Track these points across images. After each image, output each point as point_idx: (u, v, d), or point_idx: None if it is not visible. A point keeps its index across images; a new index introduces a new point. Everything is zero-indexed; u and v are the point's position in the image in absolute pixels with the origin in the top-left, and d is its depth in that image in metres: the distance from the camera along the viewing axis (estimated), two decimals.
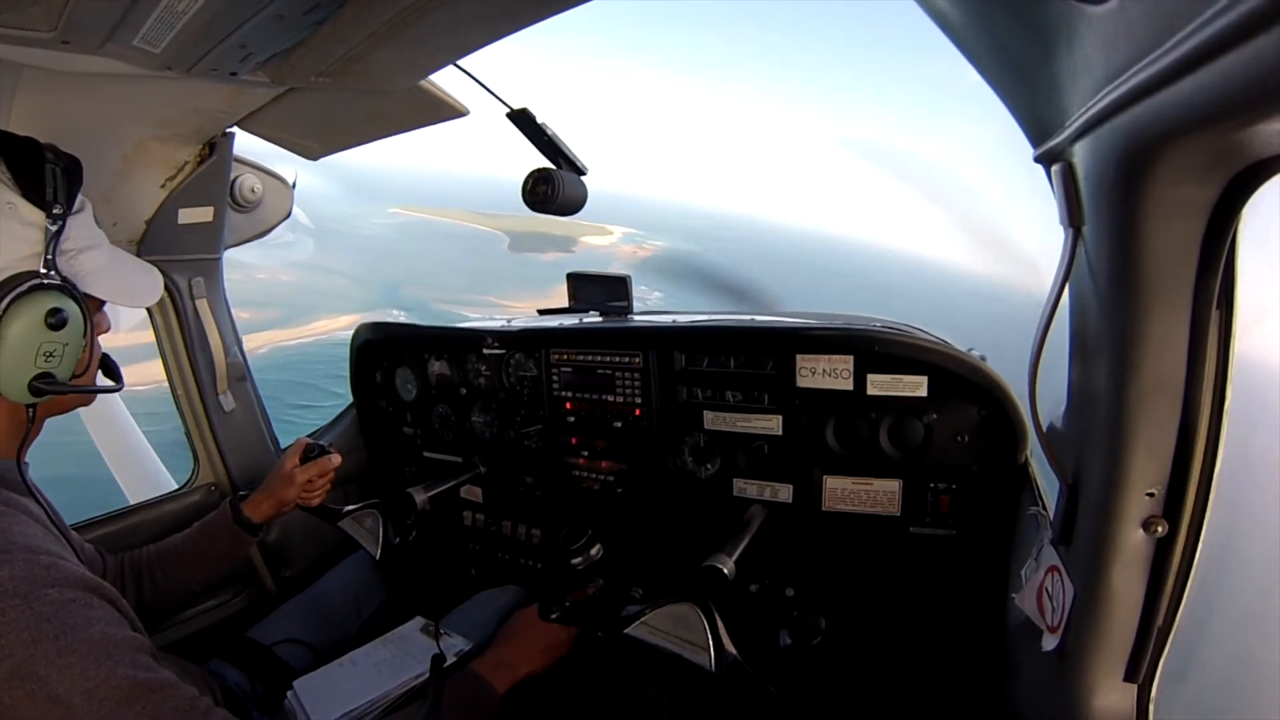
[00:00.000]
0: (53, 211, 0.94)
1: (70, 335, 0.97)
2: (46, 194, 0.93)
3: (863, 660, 1.55)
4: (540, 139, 1.31)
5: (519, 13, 0.98)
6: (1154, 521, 0.80)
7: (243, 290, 17.74)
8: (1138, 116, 0.58)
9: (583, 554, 1.56)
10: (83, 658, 0.81)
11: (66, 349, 0.97)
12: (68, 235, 0.98)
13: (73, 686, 0.79)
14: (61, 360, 0.97)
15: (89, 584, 0.89)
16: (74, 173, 0.99)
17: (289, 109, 1.41)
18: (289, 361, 12.70)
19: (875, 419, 1.48)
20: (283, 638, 1.59)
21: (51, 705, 0.78)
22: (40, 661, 0.78)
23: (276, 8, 0.91)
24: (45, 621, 0.80)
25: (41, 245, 0.94)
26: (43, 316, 0.93)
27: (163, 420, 1.91)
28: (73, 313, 0.97)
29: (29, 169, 0.93)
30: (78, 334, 0.99)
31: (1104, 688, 0.89)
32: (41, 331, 0.93)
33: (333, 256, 23.86)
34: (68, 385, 0.99)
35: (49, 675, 0.78)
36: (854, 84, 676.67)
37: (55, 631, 0.80)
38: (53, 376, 0.96)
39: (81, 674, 0.80)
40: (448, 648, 1.50)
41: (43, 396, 0.97)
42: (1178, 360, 0.73)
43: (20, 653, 0.77)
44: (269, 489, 1.54)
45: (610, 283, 1.85)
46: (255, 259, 18.03)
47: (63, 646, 0.80)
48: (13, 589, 0.80)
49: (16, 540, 0.87)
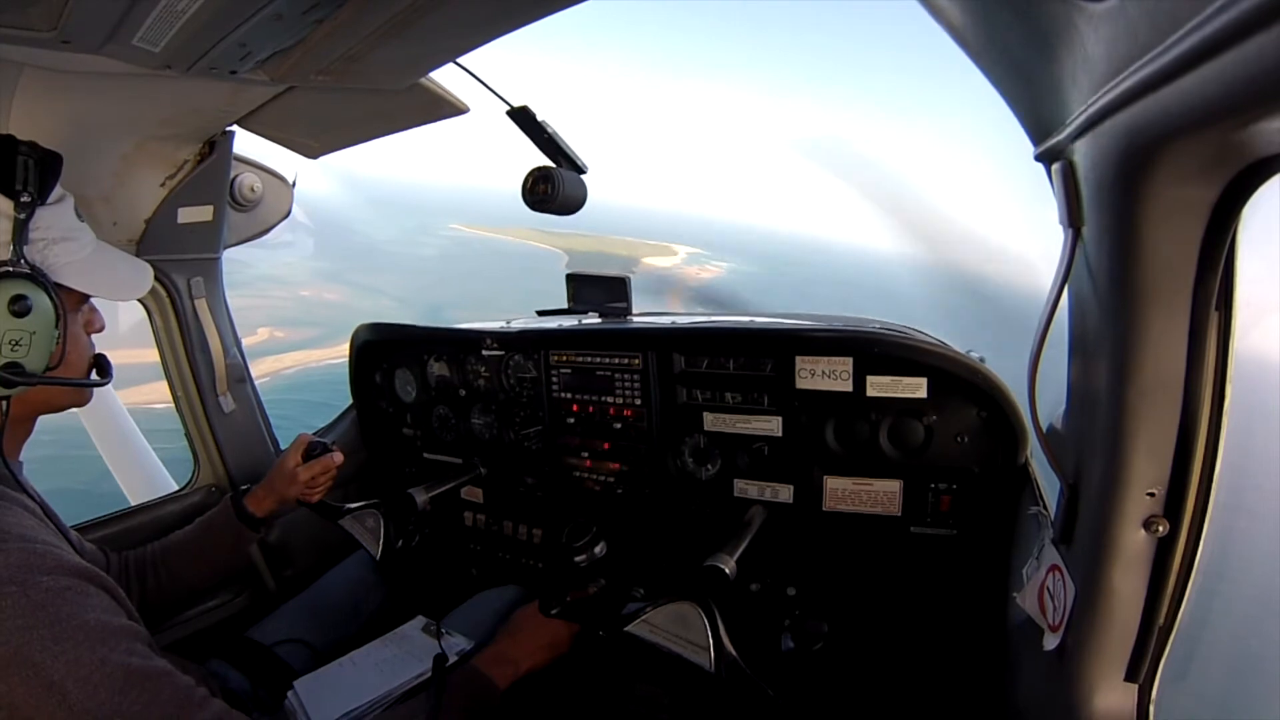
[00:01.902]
0: (20, 200, 0.94)
1: (37, 324, 0.95)
2: (15, 184, 0.93)
3: (863, 659, 1.55)
4: (540, 137, 1.31)
5: (519, 11, 0.98)
6: (1155, 521, 0.80)
7: (283, 308, 17.67)
8: (1138, 114, 0.58)
9: (587, 551, 1.56)
10: (77, 644, 0.81)
11: (34, 338, 0.95)
12: (38, 225, 0.97)
13: (67, 673, 0.79)
14: (30, 350, 0.95)
15: (85, 572, 0.89)
16: (50, 165, 0.98)
17: (289, 107, 1.41)
18: (312, 382, 12.48)
19: (875, 420, 1.48)
20: (283, 638, 1.59)
21: (47, 692, 0.77)
22: (35, 648, 0.78)
23: (276, 7, 0.91)
24: (40, 609, 0.80)
25: (9, 234, 0.94)
26: (6, 304, 0.92)
27: (178, 437, 1.92)
28: (40, 301, 0.95)
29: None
30: (46, 323, 0.96)
31: (1105, 687, 0.89)
32: (5, 319, 0.92)
33: (383, 277, 23.62)
34: (39, 377, 0.97)
35: (43, 661, 0.78)
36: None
37: (50, 618, 0.80)
38: (21, 367, 0.94)
39: (76, 660, 0.80)
40: (449, 647, 1.50)
41: (12, 388, 0.95)
42: (1178, 360, 0.73)
43: (15, 639, 0.77)
44: (270, 485, 1.54)
45: (610, 284, 1.85)
46: (302, 276, 17.77)
47: (58, 633, 0.80)
48: (8, 576, 0.80)
49: (12, 530, 0.87)
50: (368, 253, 23.74)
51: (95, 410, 3.31)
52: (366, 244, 29.59)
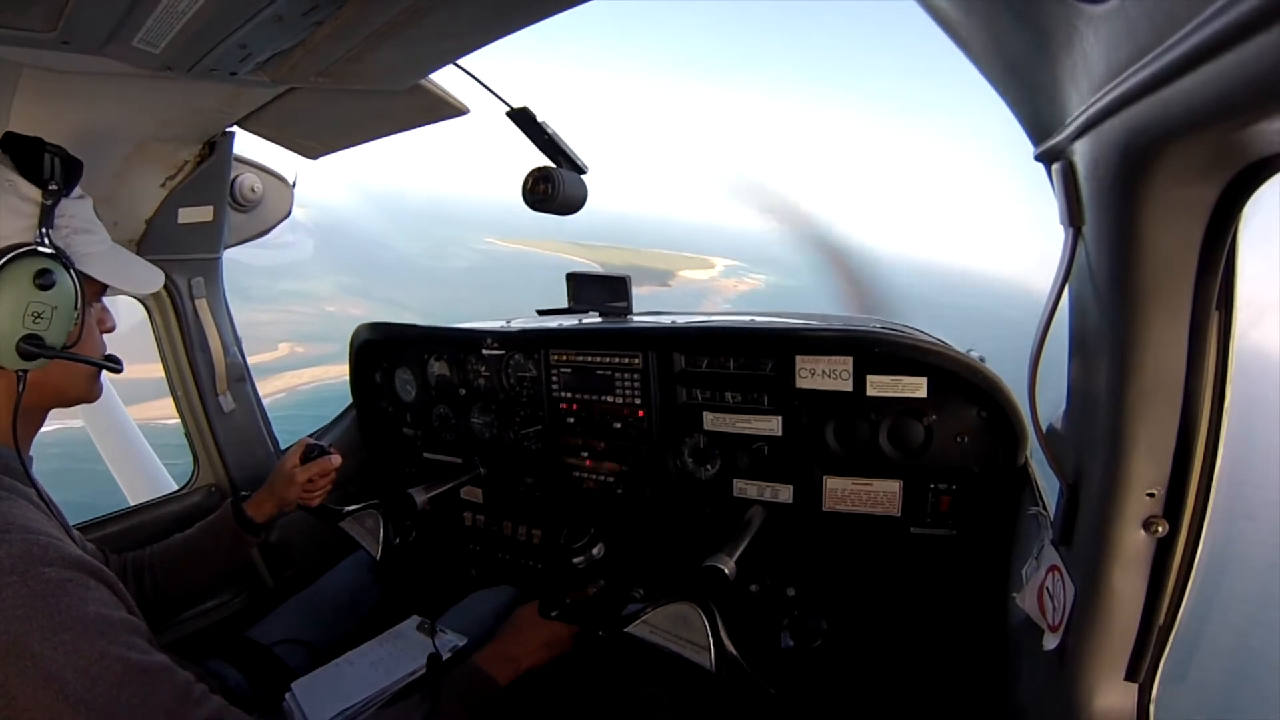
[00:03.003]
0: (49, 188, 0.98)
1: (59, 299, 0.98)
2: (44, 174, 0.98)
3: (863, 660, 1.55)
4: (540, 137, 1.31)
5: (519, 12, 0.98)
6: (1154, 521, 0.80)
7: (306, 323, 17.51)
8: (1138, 115, 0.58)
9: (584, 553, 1.56)
10: (76, 635, 0.81)
11: (55, 313, 0.98)
12: (63, 212, 1.02)
13: (65, 664, 0.78)
14: (50, 324, 0.97)
15: (87, 566, 0.89)
16: (72, 165, 1.02)
17: (289, 108, 1.41)
18: (326, 398, 12.39)
19: (875, 420, 1.48)
20: (281, 637, 1.59)
21: (44, 684, 0.77)
22: (34, 638, 0.78)
23: (276, 8, 0.91)
24: (40, 599, 0.80)
25: (37, 219, 0.98)
26: (32, 276, 0.95)
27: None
28: (63, 278, 0.99)
29: (28, 155, 0.98)
30: (68, 300, 0.99)
31: (1105, 687, 0.89)
32: (30, 290, 0.95)
33: (410, 290, 23.42)
34: (57, 351, 0.99)
35: (41, 652, 0.78)
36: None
37: (50, 609, 0.80)
38: (41, 339, 0.96)
39: (74, 651, 0.80)
40: (443, 645, 1.51)
41: (32, 360, 0.96)
42: (1178, 360, 0.73)
43: (15, 629, 0.77)
44: (270, 489, 1.55)
45: (610, 283, 1.85)
46: (328, 290, 17.64)
47: (57, 624, 0.80)
48: (10, 566, 0.80)
49: (15, 521, 0.87)
50: (396, 266, 23.72)
51: (95, 409, 3.31)
52: (396, 257, 29.76)
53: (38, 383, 1.01)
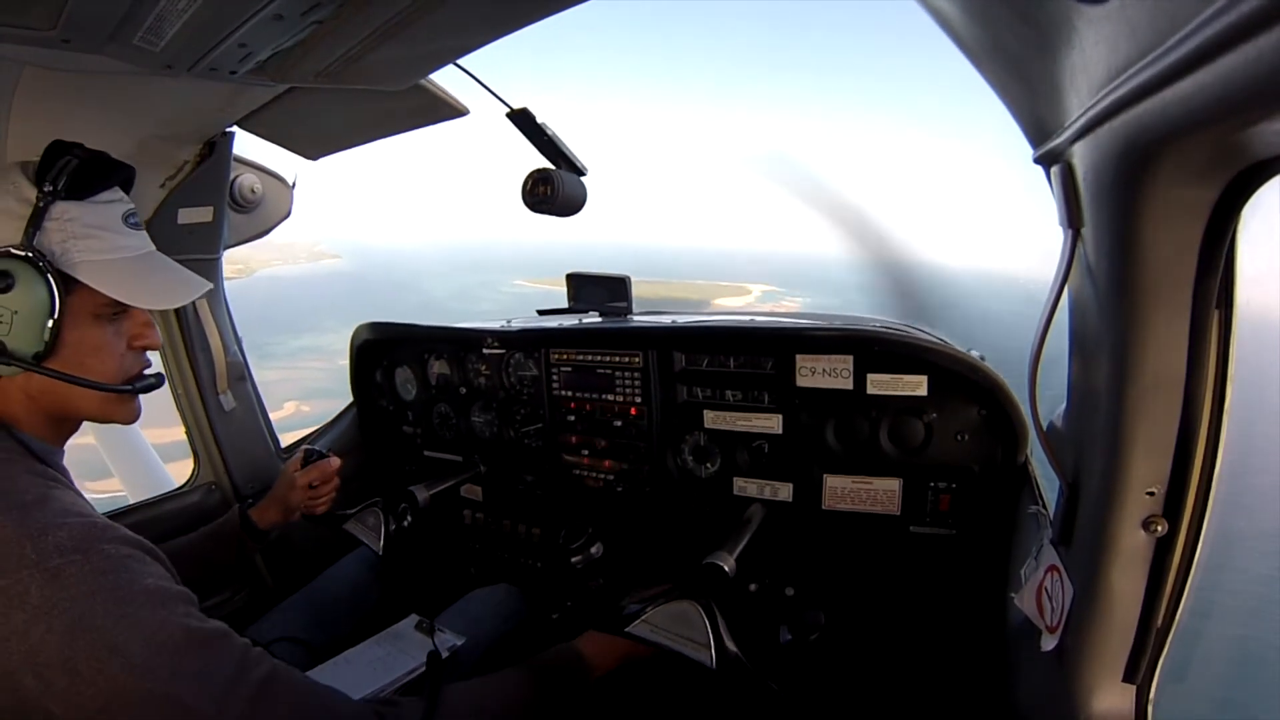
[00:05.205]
0: (44, 190, 0.96)
1: (19, 303, 0.93)
2: (47, 176, 0.97)
3: (863, 659, 1.55)
4: (540, 139, 1.31)
5: (519, 12, 0.98)
6: (1154, 521, 0.80)
7: (316, 379, 17.57)
8: (1138, 117, 0.58)
9: (583, 553, 1.56)
10: (139, 606, 0.82)
11: (15, 317, 0.93)
12: (61, 215, 0.97)
13: (131, 635, 0.80)
14: (10, 329, 0.93)
15: (142, 544, 0.91)
16: (95, 165, 1.00)
17: (289, 109, 1.41)
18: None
19: (875, 418, 1.48)
20: (280, 636, 1.59)
21: (110, 656, 0.78)
22: (99, 612, 0.79)
23: (276, 7, 0.91)
24: (103, 574, 0.82)
25: (25, 220, 0.96)
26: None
27: None
28: (28, 281, 0.93)
29: (46, 158, 0.97)
30: (32, 306, 0.94)
31: (1103, 688, 0.89)
32: None
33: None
34: (27, 363, 0.94)
35: (106, 625, 0.79)
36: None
37: (113, 583, 0.82)
38: (2, 345, 0.93)
39: (138, 621, 0.81)
40: (442, 644, 1.51)
41: None
42: (1178, 360, 0.73)
43: (80, 606, 0.79)
44: (275, 494, 1.57)
45: (610, 283, 1.85)
46: (343, 343, 18.01)
47: (121, 597, 0.82)
48: (72, 546, 0.82)
49: (70, 507, 0.88)
50: (421, 311, 23.78)
51: None
52: (422, 301, 29.66)
53: (31, 394, 0.98)
